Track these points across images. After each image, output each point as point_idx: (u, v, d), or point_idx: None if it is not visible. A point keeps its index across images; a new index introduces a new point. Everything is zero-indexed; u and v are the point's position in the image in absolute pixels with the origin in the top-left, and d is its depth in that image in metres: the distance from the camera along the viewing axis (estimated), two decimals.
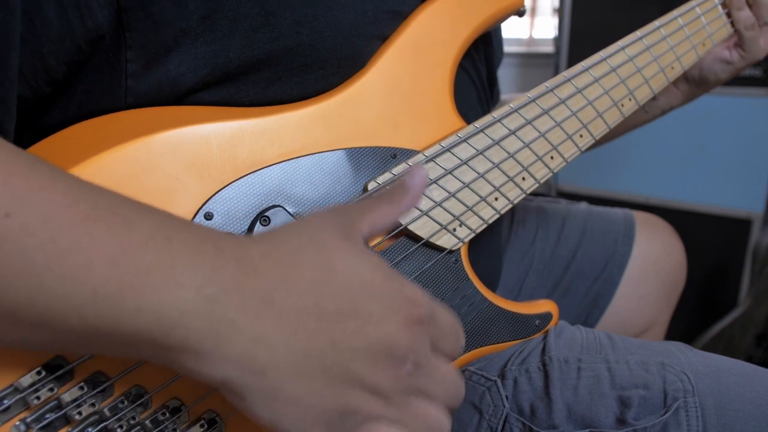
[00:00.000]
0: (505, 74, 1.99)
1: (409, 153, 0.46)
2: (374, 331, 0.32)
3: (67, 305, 0.27)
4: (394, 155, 0.46)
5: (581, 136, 0.56)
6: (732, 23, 0.71)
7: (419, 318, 0.33)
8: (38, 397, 0.33)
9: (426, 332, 0.34)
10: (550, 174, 0.54)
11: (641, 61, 0.60)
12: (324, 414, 0.31)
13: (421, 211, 0.46)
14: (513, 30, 2.12)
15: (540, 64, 1.99)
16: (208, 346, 0.29)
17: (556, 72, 1.64)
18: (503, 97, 0.76)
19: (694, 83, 0.75)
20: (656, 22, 0.62)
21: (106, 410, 0.35)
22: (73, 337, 0.29)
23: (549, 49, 1.90)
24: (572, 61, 1.61)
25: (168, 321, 0.28)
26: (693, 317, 1.50)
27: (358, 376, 0.31)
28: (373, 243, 0.45)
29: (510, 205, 0.51)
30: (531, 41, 2.12)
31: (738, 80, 1.36)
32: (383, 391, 0.32)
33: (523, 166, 0.52)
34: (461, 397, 0.36)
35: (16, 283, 0.27)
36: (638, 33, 0.60)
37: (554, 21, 1.65)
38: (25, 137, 0.39)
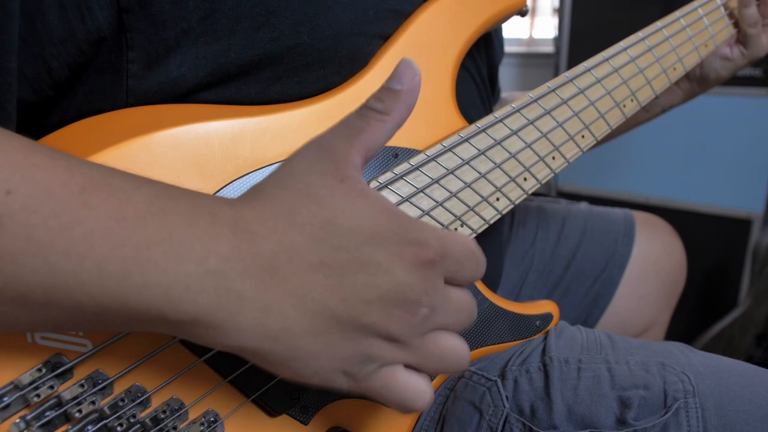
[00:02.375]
0: (505, 74, 1.99)
1: (410, 152, 0.46)
2: (384, 281, 0.31)
3: (74, 281, 0.27)
4: (396, 155, 0.46)
5: (583, 136, 0.56)
6: (735, 22, 0.71)
7: (429, 260, 0.32)
8: (38, 395, 0.33)
9: (438, 271, 0.33)
10: (552, 174, 0.54)
11: (643, 62, 0.60)
12: (343, 363, 0.32)
13: (422, 210, 0.46)
14: (513, 30, 2.12)
15: (540, 64, 1.99)
16: (219, 319, 0.29)
17: (556, 72, 1.64)
18: (504, 95, 0.76)
19: (695, 81, 0.75)
20: (659, 23, 0.62)
21: (106, 408, 0.35)
22: (85, 315, 0.29)
23: (549, 49, 1.90)
24: (572, 61, 1.61)
25: (176, 296, 0.28)
26: (693, 317, 1.50)
27: (373, 327, 0.31)
28: None
29: (511, 206, 0.51)
30: (531, 41, 2.12)
31: (738, 80, 1.37)
32: (400, 336, 0.32)
33: (524, 167, 0.51)
34: (475, 316, 0.36)
35: (21, 261, 0.27)
36: (640, 34, 0.60)
37: (554, 21, 1.65)
38: (24, 134, 0.39)
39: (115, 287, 0.28)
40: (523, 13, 0.55)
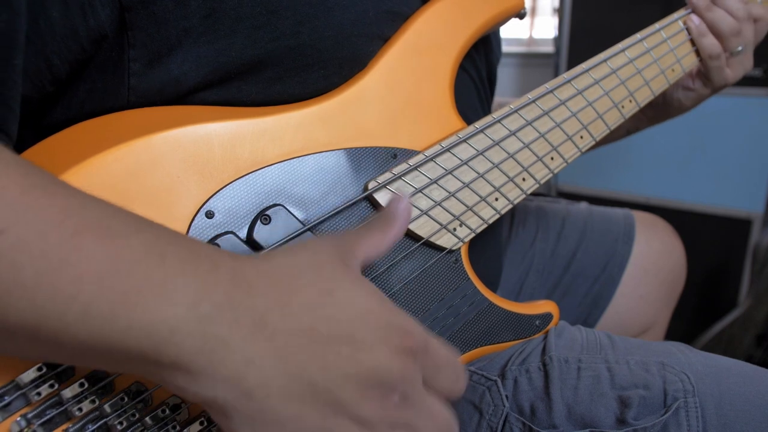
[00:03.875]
0: (505, 74, 1.99)
1: (409, 153, 0.46)
2: (366, 358, 0.31)
3: (58, 322, 0.27)
4: (395, 155, 0.46)
5: (581, 137, 0.56)
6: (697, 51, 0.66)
7: (411, 347, 0.33)
8: (39, 393, 0.33)
9: (418, 364, 0.33)
10: (551, 175, 0.54)
11: (641, 63, 0.60)
12: None
13: (421, 210, 0.46)
14: (513, 30, 2.12)
15: (540, 64, 1.99)
16: (199, 365, 0.29)
17: (556, 72, 1.64)
18: (496, 99, 0.76)
19: (658, 107, 0.73)
20: (657, 25, 0.62)
21: (106, 407, 0.35)
22: (66, 352, 0.29)
23: (549, 49, 1.90)
24: (572, 61, 1.61)
25: (159, 338, 0.28)
26: (693, 317, 1.50)
27: (345, 404, 0.31)
28: None
29: (510, 206, 0.52)
30: (531, 41, 2.12)
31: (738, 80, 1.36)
32: (369, 422, 0.31)
33: (523, 167, 0.52)
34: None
35: (7, 301, 0.27)
36: (638, 35, 0.60)
37: (554, 21, 1.65)
38: (26, 136, 0.39)
39: (99, 328, 0.27)
40: (521, 15, 0.55)
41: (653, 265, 0.80)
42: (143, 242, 0.29)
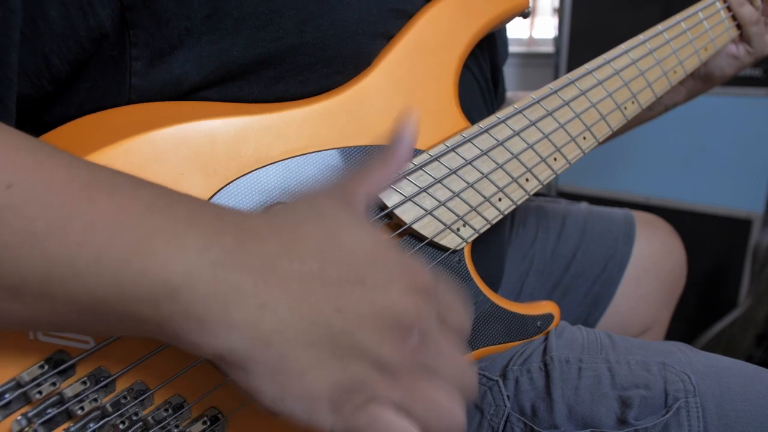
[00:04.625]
0: (505, 74, 1.99)
1: (413, 152, 0.46)
2: (380, 297, 0.31)
3: (71, 271, 0.27)
4: None
5: (585, 138, 0.56)
6: (738, 23, 0.71)
7: (424, 286, 0.32)
8: (40, 392, 0.33)
9: (431, 302, 0.33)
10: (554, 175, 0.54)
11: (644, 64, 0.60)
12: (330, 389, 0.30)
13: (425, 210, 0.46)
14: (513, 30, 2.12)
15: (540, 64, 1.99)
16: (212, 311, 0.28)
17: (556, 72, 1.64)
18: (509, 94, 0.76)
19: (699, 79, 0.75)
20: (659, 26, 0.62)
21: (108, 406, 0.35)
22: (78, 311, 0.29)
23: (549, 49, 1.90)
24: (572, 61, 1.61)
25: (173, 284, 0.28)
26: (693, 317, 1.50)
27: (364, 346, 0.30)
28: None
29: (514, 206, 0.51)
30: (531, 41, 2.12)
31: (738, 80, 1.37)
32: (390, 364, 0.31)
33: (527, 167, 0.52)
34: (473, 386, 0.34)
35: (19, 251, 0.27)
36: (641, 36, 0.60)
37: (554, 21, 1.65)
38: (25, 132, 0.39)
39: (111, 276, 0.27)
40: (525, 14, 0.55)
41: (653, 265, 0.80)
42: (149, 194, 0.29)
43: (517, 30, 2.12)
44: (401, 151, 0.39)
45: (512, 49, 2.03)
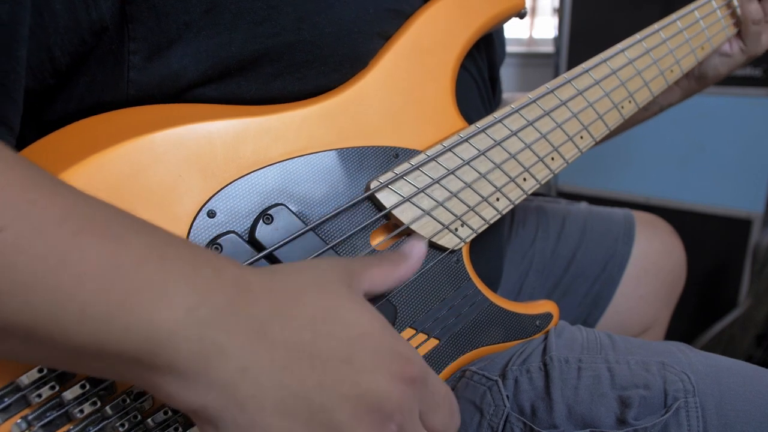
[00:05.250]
0: (505, 74, 1.98)
1: (411, 152, 0.46)
2: (365, 381, 0.31)
3: (55, 324, 0.27)
4: (396, 155, 0.46)
5: (582, 137, 0.56)
6: (735, 21, 0.71)
7: (412, 376, 0.32)
8: (39, 395, 0.33)
9: (417, 395, 0.33)
10: (551, 175, 0.54)
11: (641, 64, 0.60)
12: None
13: (423, 210, 0.46)
14: (513, 30, 2.12)
15: (540, 64, 1.99)
16: (193, 370, 0.28)
17: (556, 72, 1.64)
18: (505, 95, 0.76)
19: (693, 79, 0.75)
20: (656, 26, 0.62)
21: (107, 408, 0.35)
22: (60, 355, 0.29)
23: (549, 49, 1.90)
24: (572, 61, 1.61)
25: (156, 341, 0.27)
26: (693, 317, 1.50)
27: (340, 427, 0.30)
28: (375, 242, 0.45)
29: (511, 206, 0.52)
30: (531, 41, 2.12)
31: (738, 80, 1.36)
32: None
33: (524, 167, 0.52)
34: None
35: (3, 299, 0.26)
36: (638, 36, 0.60)
37: (554, 21, 1.65)
38: (26, 132, 0.39)
39: (95, 330, 0.27)
40: (521, 15, 0.55)
41: (653, 265, 0.80)
42: (143, 244, 0.29)
43: (517, 30, 2.12)
44: (410, 261, 0.39)
45: (512, 49, 2.04)
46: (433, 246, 0.47)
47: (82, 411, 0.34)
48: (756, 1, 0.69)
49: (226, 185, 0.39)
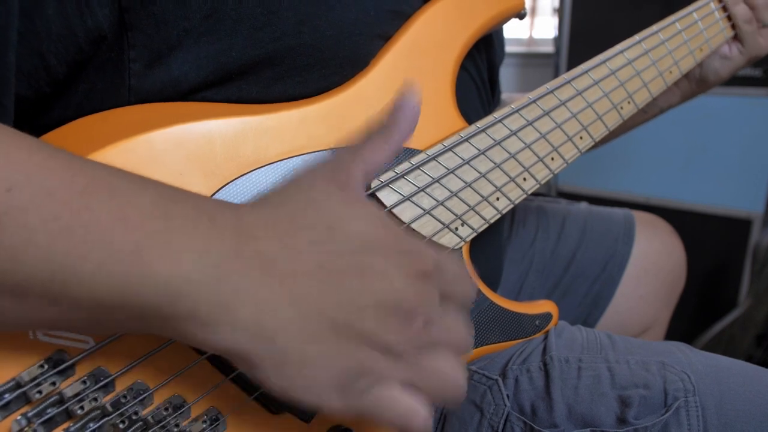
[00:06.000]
0: (505, 74, 1.99)
1: (411, 152, 0.46)
2: (380, 287, 0.31)
3: (72, 278, 0.27)
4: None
5: (581, 138, 0.56)
6: (732, 24, 0.71)
7: (425, 270, 0.32)
8: (40, 392, 0.33)
9: (434, 284, 0.33)
10: (551, 175, 0.54)
11: (640, 65, 0.60)
12: (336, 376, 0.31)
13: (423, 209, 0.46)
14: (513, 30, 2.12)
15: (540, 64, 1.99)
16: (215, 314, 0.29)
17: (556, 72, 1.64)
18: (503, 96, 0.76)
19: (694, 81, 0.75)
20: (654, 27, 0.62)
21: (108, 405, 0.35)
22: (80, 312, 0.29)
23: (549, 49, 1.90)
24: (572, 61, 1.61)
25: (174, 290, 0.28)
26: (693, 317, 1.50)
27: (368, 335, 0.31)
28: None
29: (511, 205, 0.52)
30: (531, 41, 2.12)
31: (738, 80, 1.37)
32: (395, 349, 0.31)
33: (524, 167, 0.52)
34: (471, 342, 0.35)
35: (19, 257, 0.27)
36: (637, 37, 0.60)
37: (554, 21, 1.65)
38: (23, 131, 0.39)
39: (113, 285, 0.28)
40: (521, 15, 0.56)
41: (653, 265, 0.80)
42: (149, 201, 0.29)
43: (517, 30, 2.12)
44: (403, 122, 0.36)
45: (512, 49, 2.04)
46: (433, 245, 0.47)
47: (82, 408, 0.34)
48: (742, 2, 0.69)
49: (226, 184, 0.39)
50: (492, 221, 0.50)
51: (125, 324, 0.31)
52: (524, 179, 0.52)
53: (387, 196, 0.44)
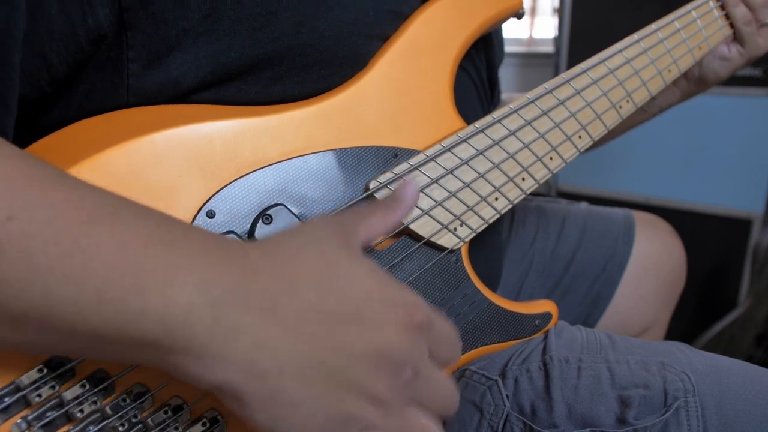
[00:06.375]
0: (505, 74, 1.99)
1: (409, 153, 0.46)
2: (375, 336, 0.32)
3: (71, 307, 0.27)
4: (395, 155, 0.46)
5: (580, 137, 0.56)
6: (731, 23, 0.71)
7: (419, 324, 0.33)
8: (39, 395, 0.33)
9: (425, 339, 0.34)
10: (550, 175, 0.54)
11: (639, 63, 0.60)
12: (323, 421, 0.31)
13: (422, 210, 0.46)
14: (513, 30, 2.12)
15: (540, 64, 1.99)
16: (211, 348, 0.29)
17: (556, 72, 1.64)
18: (503, 96, 0.76)
19: (693, 81, 0.75)
20: (653, 26, 0.62)
21: (107, 408, 0.35)
22: (76, 341, 0.29)
23: (549, 49, 1.90)
24: (572, 61, 1.61)
25: (172, 323, 0.28)
26: (693, 317, 1.50)
27: (358, 383, 0.31)
28: (374, 241, 0.45)
29: (510, 205, 0.52)
30: (531, 41, 2.12)
31: (738, 80, 1.36)
32: (382, 399, 0.32)
33: (522, 167, 0.52)
34: (456, 405, 0.37)
35: (19, 287, 0.27)
36: (635, 36, 0.60)
37: (554, 21, 1.66)
38: (24, 136, 0.39)
39: (112, 314, 0.28)
40: (519, 15, 0.56)
41: (653, 265, 0.80)
42: (151, 229, 0.29)
43: (517, 30, 2.12)
44: (404, 203, 0.40)
45: (512, 49, 2.04)
46: (432, 246, 0.47)
47: (82, 411, 0.34)
48: (742, 4, 0.69)
49: (226, 185, 0.39)
50: (491, 221, 0.50)
51: (123, 354, 0.31)
52: (523, 179, 0.52)
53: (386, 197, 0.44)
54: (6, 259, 0.26)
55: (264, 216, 0.40)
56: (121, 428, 0.35)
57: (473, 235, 0.49)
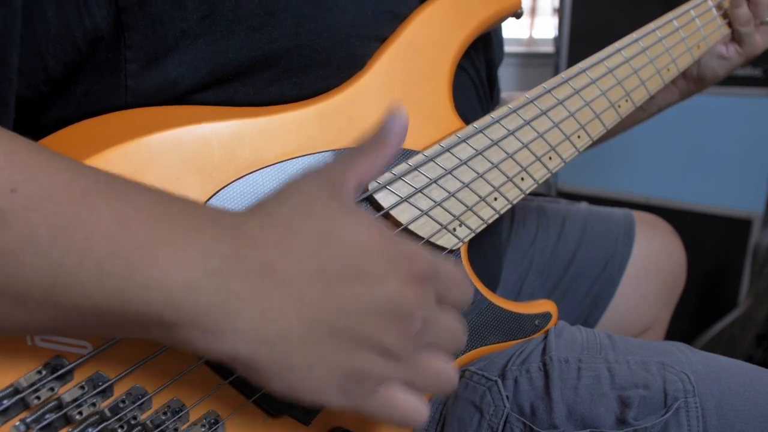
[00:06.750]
0: (505, 74, 1.99)
1: (408, 153, 0.46)
2: (379, 291, 0.31)
3: (73, 280, 0.27)
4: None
5: (579, 136, 0.56)
6: (728, 22, 0.71)
7: (421, 273, 0.33)
8: (38, 397, 0.33)
9: (431, 287, 0.34)
10: (549, 174, 0.54)
11: (637, 63, 0.60)
12: (338, 379, 0.31)
13: (421, 210, 0.46)
14: (513, 30, 2.12)
15: (540, 64, 1.99)
16: (216, 320, 0.29)
17: (556, 72, 1.64)
18: (503, 95, 0.76)
19: (691, 80, 0.75)
20: (652, 25, 0.62)
21: (106, 410, 0.35)
22: (81, 317, 0.29)
23: (549, 49, 1.90)
24: (572, 61, 1.60)
25: (176, 296, 0.28)
26: (693, 317, 1.50)
27: (367, 338, 0.31)
28: None
29: (509, 205, 0.52)
30: (531, 41, 2.12)
31: (737, 80, 1.36)
32: (394, 351, 0.32)
33: (522, 167, 0.52)
34: (464, 341, 0.37)
35: (22, 259, 0.27)
36: (634, 35, 0.60)
37: (554, 21, 1.66)
38: (22, 133, 0.39)
39: (114, 288, 0.28)
40: (518, 15, 0.56)
41: (653, 265, 0.80)
42: (148, 201, 0.30)
43: (517, 30, 2.12)
44: (393, 135, 0.37)
45: (512, 49, 2.04)
46: (431, 246, 0.47)
47: (80, 413, 0.34)
48: (745, 5, 0.69)
49: (224, 187, 0.39)
50: (490, 221, 0.50)
51: (125, 329, 0.31)
52: (522, 179, 0.52)
53: (385, 198, 0.44)
54: (10, 231, 0.26)
55: None
56: (120, 430, 0.35)
57: (472, 235, 0.49)
